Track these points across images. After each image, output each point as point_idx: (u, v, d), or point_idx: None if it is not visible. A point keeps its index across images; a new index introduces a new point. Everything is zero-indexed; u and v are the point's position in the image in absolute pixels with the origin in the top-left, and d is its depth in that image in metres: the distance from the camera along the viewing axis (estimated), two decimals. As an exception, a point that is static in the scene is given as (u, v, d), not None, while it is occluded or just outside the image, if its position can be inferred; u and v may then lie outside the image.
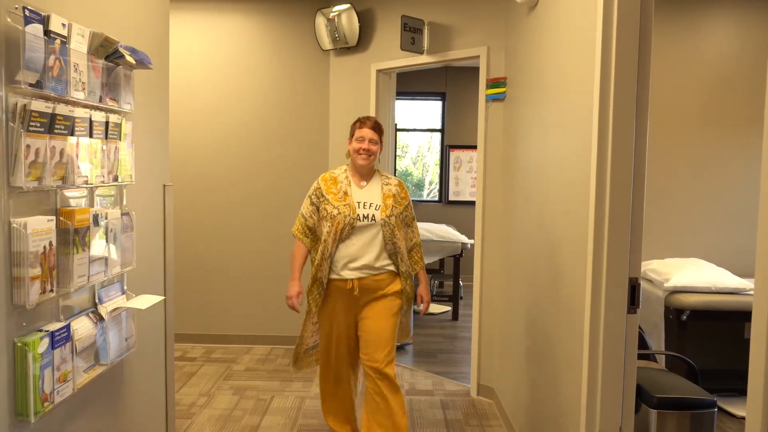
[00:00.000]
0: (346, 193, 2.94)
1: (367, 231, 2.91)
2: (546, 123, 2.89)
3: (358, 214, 2.89)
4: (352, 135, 3.01)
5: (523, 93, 3.44)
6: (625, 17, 2.06)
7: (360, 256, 2.91)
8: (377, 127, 3.00)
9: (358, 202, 2.93)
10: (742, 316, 3.82)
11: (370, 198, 2.96)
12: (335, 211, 2.90)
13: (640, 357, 3.21)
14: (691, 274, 4.02)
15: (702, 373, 3.24)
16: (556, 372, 2.62)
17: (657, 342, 4.05)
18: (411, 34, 4.18)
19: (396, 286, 3.00)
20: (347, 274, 2.93)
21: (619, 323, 2.12)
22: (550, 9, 2.86)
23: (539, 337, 2.93)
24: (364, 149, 2.94)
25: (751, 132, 4.60)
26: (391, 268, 2.98)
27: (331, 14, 4.71)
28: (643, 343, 3.32)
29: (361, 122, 3.00)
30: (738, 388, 3.79)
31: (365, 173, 3.01)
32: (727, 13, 4.62)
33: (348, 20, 4.65)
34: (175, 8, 4.96)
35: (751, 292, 3.88)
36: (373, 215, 2.91)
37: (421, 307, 3.17)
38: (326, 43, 4.86)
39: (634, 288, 2.11)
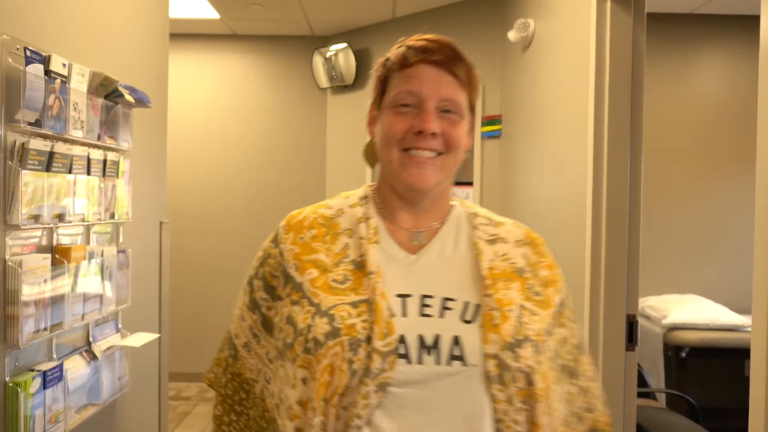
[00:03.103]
0: (360, 267, 0.95)
1: (433, 398, 0.88)
2: (542, 160, 2.91)
3: (401, 337, 0.88)
4: (380, 93, 1.02)
5: (518, 130, 3.47)
6: (617, 57, 2.09)
7: None
8: (457, 62, 1.02)
9: (404, 297, 0.93)
10: (742, 353, 3.79)
11: (439, 285, 0.96)
12: (323, 326, 0.89)
13: (640, 395, 3.17)
14: (689, 310, 4.00)
15: (703, 411, 3.20)
16: (555, 411, 2.58)
17: (657, 380, 4.00)
18: (407, 72, 4.23)
19: None
20: None
21: (618, 361, 2.10)
22: (543, 48, 2.91)
23: (538, 375, 2.90)
24: (421, 131, 0.95)
25: (745, 169, 4.64)
26: None
27: (328, 53, 4.79)
28: (642, 381, 3.28)
29: (411, 51, 0.99)
30: (739, 426, 3.74)
31: (423, 208, 1.03)
32: (717, 52, 4.70)
33: (345, 59, 4.72)
34: (175, 47, 5.03)
35: (750, 329, 3.86)
36: (456, 342, 0.89)
37: None
38: (323, 81, 4.92)
39: (631, 325, 2.10)
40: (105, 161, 2.01)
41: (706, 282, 4.60)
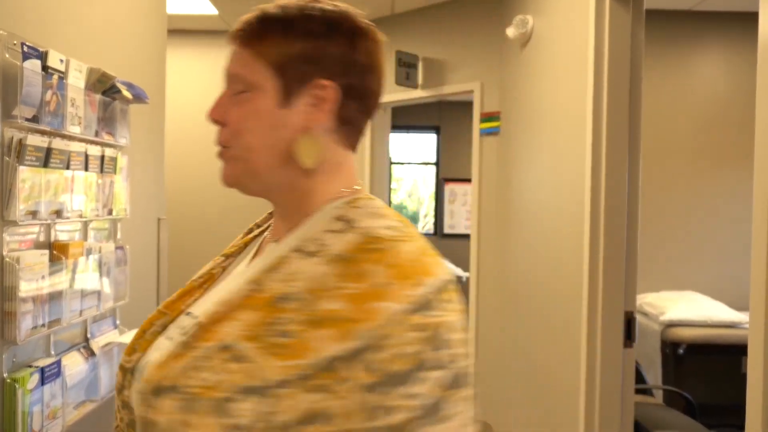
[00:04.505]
0: (210, 273, 0.91)
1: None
2: (540, 157, 2.91)
3: (132, 368, 0.85)
4: None
5: (517, 127, 3.47)
6: (616, 53, 2.09)
7: None
8: (256, 32, 0.79)
9: (186, 315, 0.85)
10: (739, 349, 3.79)
11: (210, 303, 0.79)
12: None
13: (638, 392, 3.18)
14: (686, 307, 4.01)
15: (700, 408, 3.21)
16: (552, 407, 2.59)
17: (654, 376, 4.01)
18: (405, 69, 4.23)
19: None
20: None
21: (616, 358, 2.11)
22: (542, 45, 2.90)
23: (535, 371, 2.90)
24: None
25: (743, 165, 4.64)
26: None
27: (327, 50, 4.78)
28: (640, 378, 3.29)
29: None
30: (737, 423, 3.75)
31: (278, 213, 0.87)
32: (716, 49, 4.71)
33: (343, 56, 4.72)
34: (173, 43, 5.02)
35: (747, 326, 3.87)
36: (136, 373, 0.84)
37: None
38: (322, 78, 4.91)
39: (629, 322, 2.10)
40: (103, 157, 2.01)
41: (703, 279, 4.61)
